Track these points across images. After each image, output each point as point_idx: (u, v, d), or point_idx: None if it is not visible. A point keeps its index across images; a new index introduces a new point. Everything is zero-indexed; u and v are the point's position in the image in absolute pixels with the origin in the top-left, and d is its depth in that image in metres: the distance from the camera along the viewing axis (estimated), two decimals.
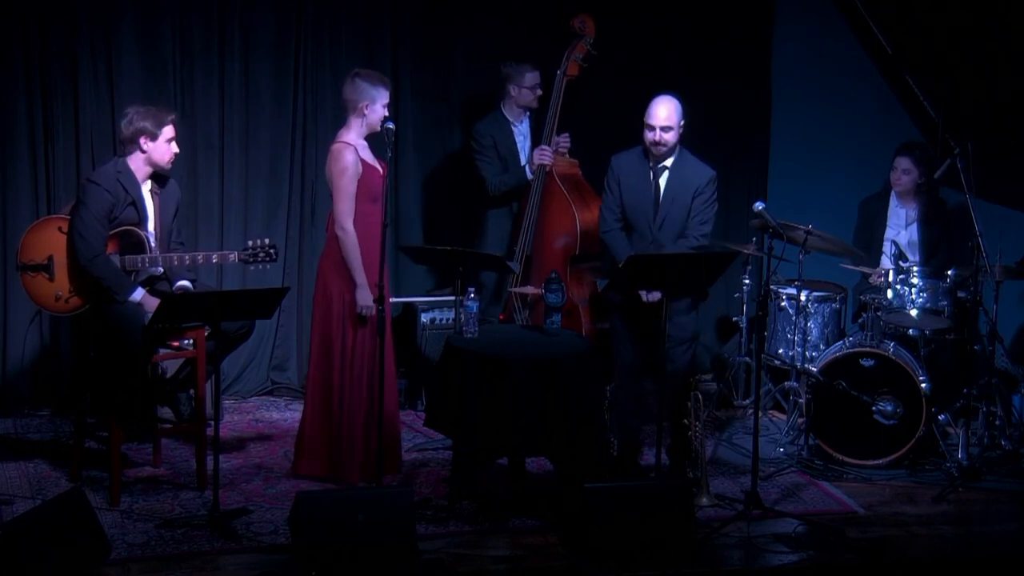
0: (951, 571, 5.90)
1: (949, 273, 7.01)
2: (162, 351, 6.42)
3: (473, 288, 6.31)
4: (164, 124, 6.30)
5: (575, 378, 5.99)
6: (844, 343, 7.13)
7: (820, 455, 6.96)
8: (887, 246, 7.48)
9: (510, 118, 7.53)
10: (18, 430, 7.07)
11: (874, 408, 6.92)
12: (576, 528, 5.67)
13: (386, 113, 6.30)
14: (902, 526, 6.24)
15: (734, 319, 7.90)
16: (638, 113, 6.55)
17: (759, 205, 6.46)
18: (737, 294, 7.83)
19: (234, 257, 6.47)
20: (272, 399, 7.75)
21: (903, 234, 7.52)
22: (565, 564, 5.67)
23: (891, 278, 7.00)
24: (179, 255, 6.40)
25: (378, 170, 6.33)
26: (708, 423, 6.92)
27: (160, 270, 6.46)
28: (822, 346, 7.29)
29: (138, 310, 6.19)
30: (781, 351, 7.41)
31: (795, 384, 7.33)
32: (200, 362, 6.28)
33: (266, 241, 6.49)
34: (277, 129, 7.65)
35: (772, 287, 7.16)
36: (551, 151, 7.27)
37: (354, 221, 6.22)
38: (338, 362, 6.32)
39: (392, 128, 6.11)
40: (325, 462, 6.38)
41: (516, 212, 7.49)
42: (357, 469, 6.31)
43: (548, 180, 7.31)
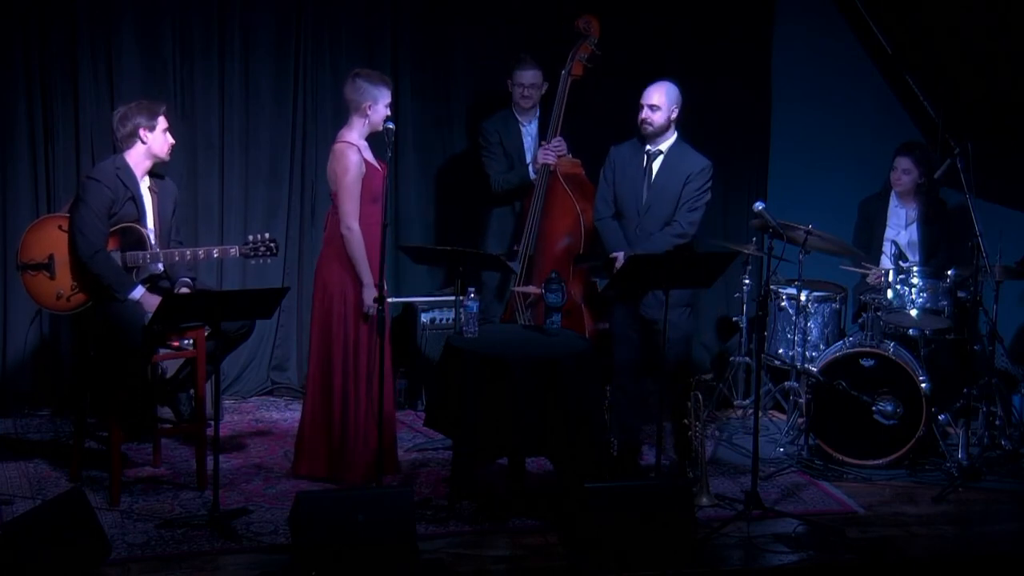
0: (951, 571, 5.89)
1: (949, 273, 7.01)
2: (162, 351, 6.42)
3: (473, 288, 6.31)
4: (158, 115, 6.34)
5: (575, 378, 5.98)
6: (844, 343, 7.13)
7: (820, 455, 6.96)
8: (887, 246, 7.47)
9: (519, 117, 7.52)
10: (18, 430, 7.08)
11: (874, 408, 6.92)
12: (576, 528, 5.67)
13: (388, 113, 6.30)
14: (902, 526, 6.24)
15: (734, 319, 7.90)
16: (638, 113, 6.58)
17: (759, 205, 6.47)
18: (737, 294, 7.82)
19: (235, 251, 6.47)
20: (272, 399, 7.75)
21: (903, 234, 7.51)
22: (565, 564, 5.66)
23: (891, 278, 7.00)
24: (180, 251, 6.40)
25: (379, 170, 6.33)
26: (708, 422, 6.92)
27: (160, 268, 6.46)
28: (822, 346, 7.29)
29: (138, 310, 6.18)
30: (781, 351, 7.41)
31: (795, 384, 7.32)
32: (200, 362, 6.28)
33: (266, 235, 6.48)
34: (277, 129, 7.65)
35: (772, 287, 7.15)
36: (554, 151, 7.26)
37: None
38: (338, 362, 6.32)
39: (392, 128, 6.10)
40: (325, 462, 6.38)
41: (519, 211, 7.49)
42: (357, 469, 6.31)
43: (552, 180, 7.30)
